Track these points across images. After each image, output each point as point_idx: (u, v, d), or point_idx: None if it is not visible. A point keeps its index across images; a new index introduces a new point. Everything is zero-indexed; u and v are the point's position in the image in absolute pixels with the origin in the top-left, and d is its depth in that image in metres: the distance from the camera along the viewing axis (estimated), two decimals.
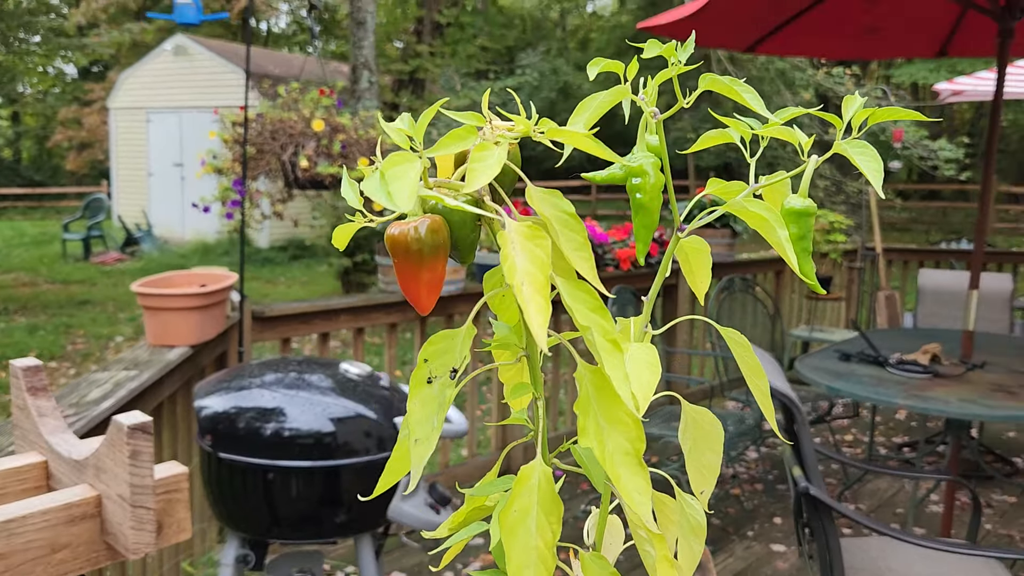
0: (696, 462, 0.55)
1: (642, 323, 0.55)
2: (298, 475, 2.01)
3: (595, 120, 0.49)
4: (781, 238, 0.48)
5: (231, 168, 3.19)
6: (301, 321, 3.38)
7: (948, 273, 5.42)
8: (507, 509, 0.45)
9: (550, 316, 0.41)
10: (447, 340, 0.48)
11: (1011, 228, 16.75)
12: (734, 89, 0.50)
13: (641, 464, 0.44)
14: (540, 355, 0.50)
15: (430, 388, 0.47)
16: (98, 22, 18.95)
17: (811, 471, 2.49)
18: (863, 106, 0.50)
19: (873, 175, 0.47)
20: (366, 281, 8.96)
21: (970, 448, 4.50)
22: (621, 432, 0.45)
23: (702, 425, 0.55)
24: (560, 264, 0.47)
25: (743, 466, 4.61)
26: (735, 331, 0.55)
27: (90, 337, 8.22)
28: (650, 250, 4.94)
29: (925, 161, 10.72)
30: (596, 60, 0.50)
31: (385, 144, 2.54)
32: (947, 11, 4.13)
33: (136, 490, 1.12)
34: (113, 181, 16.31)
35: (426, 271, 0.46)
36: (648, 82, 0.52)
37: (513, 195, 0.50)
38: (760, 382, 0.54)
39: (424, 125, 0.45)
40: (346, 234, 0.48)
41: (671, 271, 5.21)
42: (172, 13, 3.00)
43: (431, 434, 0.46)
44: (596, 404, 0.45)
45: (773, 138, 0.53)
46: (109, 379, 2.16)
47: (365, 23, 9.25)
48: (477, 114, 0.47)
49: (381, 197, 0.42)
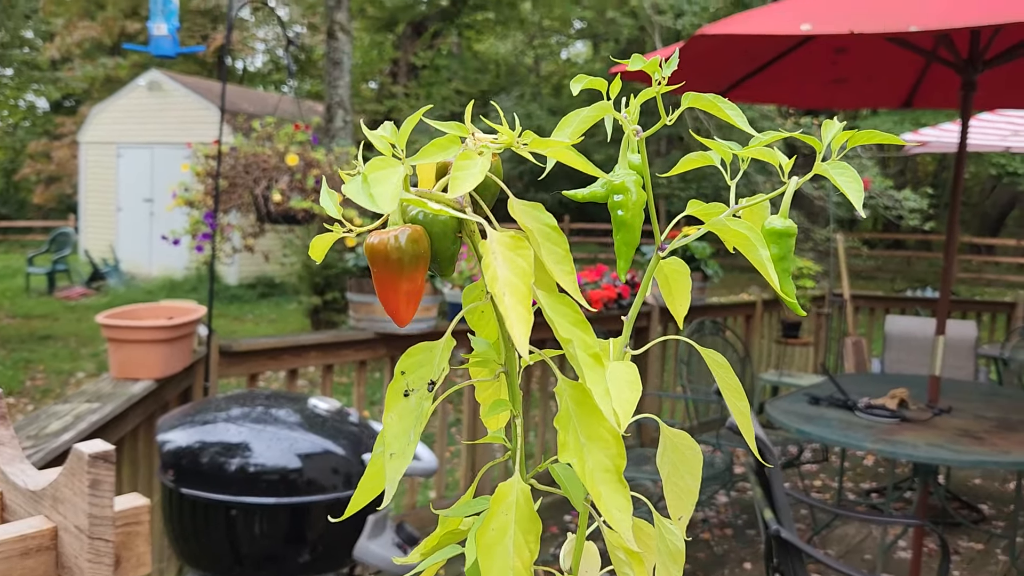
0: (674, 487, 0.54)
1: (622, 343, 0.54)
2: (262, 512, 1.97)
3: (579, 134, 0.49)
4: (763, 257, 0.48)
5: (203, 201, 3.17)
6: (269, 357, 3.33)
7: (914, 320, 5.50)
8: (484, 527, 0.44)
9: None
10: (425, 352, 0.47)
11: (974, 278, 17.08)
12: (717, 105, 0.50)
13: (622, 481, 0.43)
14: (519, 372, 0.49)
15: (407, 401, 0.45)
16: (72, 57, 18.90)
17: (782, 514, 2.48)
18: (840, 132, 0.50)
19: (854, 194, 0.48)
20: (336, 320, 8.90)
21: (937, 494, 4.53)
22: (602, 448, 0.44)
23: (681, 449, 0.54)
24: (542, 277, 0.47)
25: (713, 510, 4.59)
26: (715, 352, 0.54)
27: (50, 373, 8.05)
28: (622, 292, 4.97)
29: (890, 211, 10.94)
30: (580, 76, 0.50)
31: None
32: (912, 63, 4.24)
33: (95, 521, 1.09)
34: (81, 215, 16.13)
35: (405, 281, 0.45)
36: (631, 101, 0.52)
37: (503, 221, 0.49)
38: (741, 404, 0.53)
39: (407, 133, 0.45)
40: (324, 244, 0.47)
41: (643, 314, 5.23)
42: (148, 45, 2.99)
43: (407, 448, 0.44)
44: (577, 419, 0.44)
45: (750, 170, 0.53)
46: (70, 411, 2.11)
47: (341, 63, 9.31)
48: (461, 124, 0.46)
49: (363, 199, 0.41)
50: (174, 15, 2.97)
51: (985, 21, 2.76)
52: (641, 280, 5.05)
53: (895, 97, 4.65)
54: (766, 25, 3.00)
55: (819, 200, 10.92)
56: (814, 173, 0.50)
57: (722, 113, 0.51)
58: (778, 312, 6.43)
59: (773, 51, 4.01)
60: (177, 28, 3.01)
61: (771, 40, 3.80)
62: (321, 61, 16.07)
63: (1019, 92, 4.45)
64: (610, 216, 0.53)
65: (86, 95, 21.01)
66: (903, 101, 4.65)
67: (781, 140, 0.54)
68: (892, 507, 4.70)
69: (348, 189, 0.42)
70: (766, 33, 3.04)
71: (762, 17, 3.16)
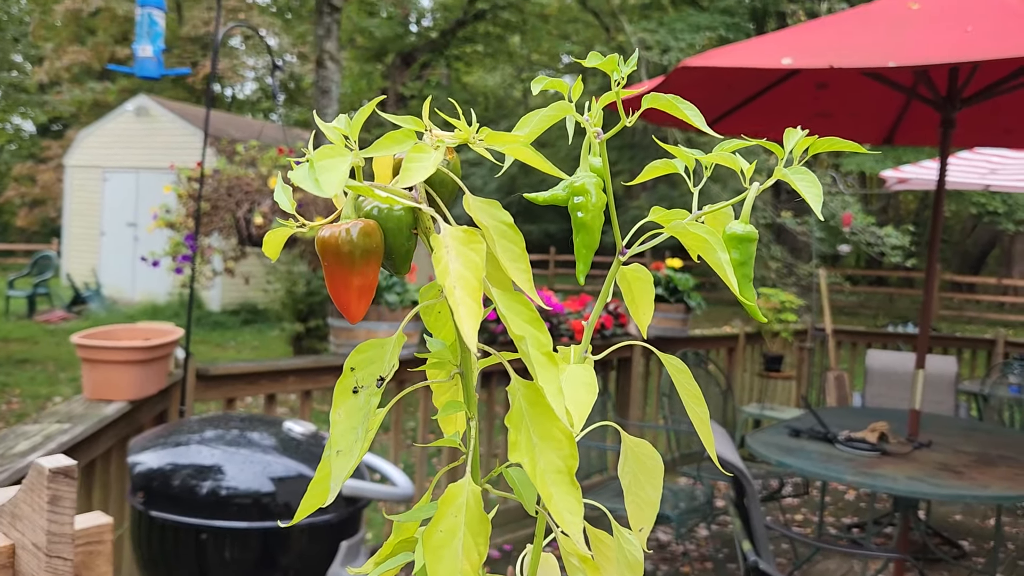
0: (635, 497, 0.53)
1: (581, 349, 0.53)
2: (233, 537, 1.93)
3: (537, 134, 0.49)
4: (721, 260, 0.48)
5: (184, 223, 3.16)
6: (247, 381, 3.30)
7: (895, 354, 5.52)
8: (432, 529, 0.43)
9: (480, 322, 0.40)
10: (376, 348, 0.46)
11: (955, 315, 17.20)
12: (676, 106, 0.50)
13: (574, 483, 0.42)
14: (475, 373, 0.48)
15: (356, 398, 0.44)
16: (61, 81, 18.92)
17: (760, 545, 2.47)
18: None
19: (813, 199, 0.47)
20: (319, 347, 8.85)
21: (918, 530, 4.51)
22: (554, 449, 0.43)
23: (641, 458, 0.53)
24: (497, 275, 0.46)
25: (693, 543, 4.55)
26: (675, 358, 0.54)
27: (27, 397, 7.94)
28: (604, 321, 4.96)
29: (872, 247, 11.03)
30: (540, 78, 0.50)
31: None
32: (893, 100, 4.30)
33: (53, 539, 1.06)
34: (64, 239, 16.03)
35: (357, 276, 0.44)
36: (592, 104, 0.52)
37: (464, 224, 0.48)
38: (700, 409, 0.52)
39: (359, 124, 0.44)
40: (277, 240, 0.46)
41: (625, 345, 5.23)
42: (134, 67, 2.99)
43: (354, 446, 0.43)
44: (529, 419, 0.44)
45: (712, 183, 0.53)
46: (39, 432, 2.07)
47: (330, 92, 9.35)
48: (417, 119, 0.46)
49: (309, 184, 0.40)
50: (160, 37, 2.97)
51: (962, 58, 2.80)
52: (624, 311, 5.02)
53: (876, 133, 4.71)
54: (748, 59, 3.04)
55: (802, 236, 11.01)
56: (776, 179, 0.50)
57: (681, 113, 0.51)
58: (760, 345, 6.44)
59: (756, 85, 4.06)
60: (163, 50, 3.01)
61: (754, 74, 3.85)
62: (310, 90, 16.15)
63: (997, 130, 4.52)
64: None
65: (74, 119, 21.01)
66: (884, 137, 4.71)
67: (765, 174, 0.53)
68: (873, 541, 4.68)
69: (295, 175, 0.41)
70: (748, 66, 3.08)
71: (744, 51, 3.20)
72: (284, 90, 21.17)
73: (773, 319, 6.29)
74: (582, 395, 0.44)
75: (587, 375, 0.46)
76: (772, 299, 6.33)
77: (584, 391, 0.45)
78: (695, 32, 13.18)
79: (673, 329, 5.28)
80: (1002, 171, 6.66)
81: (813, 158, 4.26)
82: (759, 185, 0.50)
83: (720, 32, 13.91)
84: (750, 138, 0.53)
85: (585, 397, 0.44)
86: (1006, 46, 2.79)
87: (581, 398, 0.44)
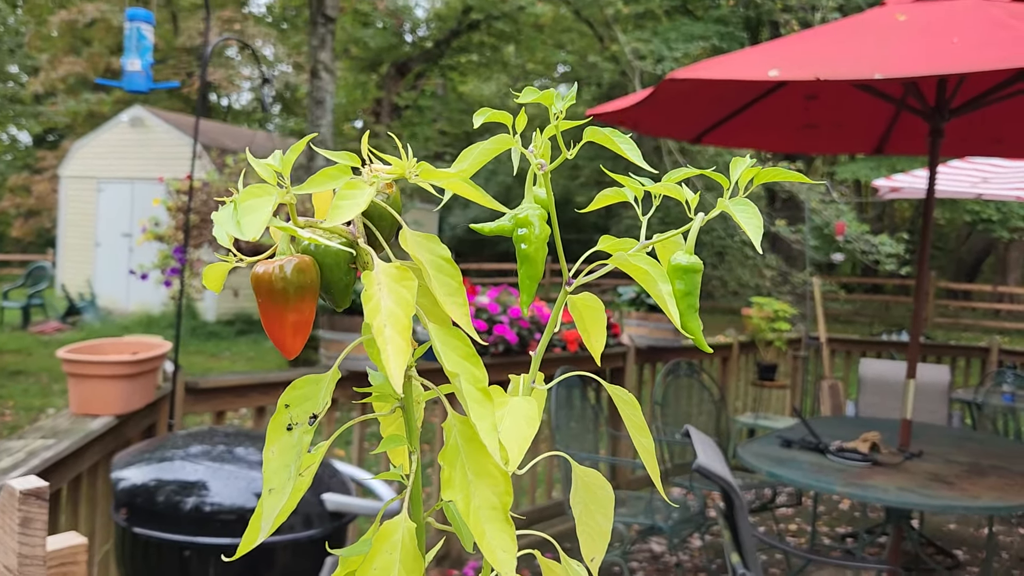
0: (587, 526, 0.53)
1: (530, 379, 0.53)
2: (217, 553, 1.92)
3: (477, 168, 0.49)
4: (663, 292, 0.48)
5: (173, 236, 3.15)
6: (236, 394, 3.29)
7: (888, 363, 5.52)
8: (366, 567, 0.42)
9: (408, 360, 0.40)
10: (310, 385, 0.46)
11: (951, 323, 17.22)
12: (613, 140, 0.50)
13: (508, 520, 0.42)
14: (420, 407, 0.48)
15: (289, 435, 0.44)
16: (56, 91, 18.92)
17: (749, 557, 2.46)
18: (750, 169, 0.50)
19: (753, 231, 0.47)
20: (314, 358, 8.82)
21: (911, 539, 4.50)
22: (489, 486, 0.43)
23: (592, 488, 0.53)
24: (434, 311, 0.46)
25: (687, 554, 4.54)
26: (622, 388, 0.54)
27: (20, 409, 7.91)
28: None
29: (867, 255, 11.05)
30: (483, 110, 0.50)
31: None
32: (882, 111, 4.32)
33: (24, 561, 1.06)
34: (59, 250, 16.02)
35: (292, 312, 0.44)
36: (537, 136, 0.52)
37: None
38: (645, 440, 0.52)
39: (290, 161, 0.44)
40: (218, 274, 0.46)
41: (619, 354, 5.23)
42: (122, 80, 3.00)
43: (287, 484, 0.43)
44: (465, 455, 0.43)
45: (675, 208, 0.53)
46: (23, 447, 2.06)
47: (324, 102, 9.37)
48: (353, 155, 0.46)
49: (231, 227, 0.40)
50: (148, 51, 2.97)
51: (949, 70, 2.81)
52: (617, 320, 5.03)
53: (866, 143, 4.72)
54: (736, 70, 3.05)
55: (797, 244, 11.02)
56: (719, 210, 0.50)
57: (616, 147, 0.51)
58: (754, 354, 6.44)
59: (745, 96, 4.07)
60: (151, 64, 3.01)
61: (742, 85, 3.86)
62: (305, 99, 16.17)
63: (987, 140, 4.53)
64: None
65: (69, 130, 21.02)
66: (874, 147, 4.72)
67: (773, 173, 0.53)
68: (866, 552, 4.68)
69: (218, 217, 0.41)
70: (735, 78, 3.08)
71: (732, 62, 3.21)
72: (279, 100, 21.20)
73: (767, 328, 6.29)
74: (523, 429, 0.44)
75: (529, 408, 0.45)
76: (766, 308, 6.34)
77: (525, 424, 0.44)
78: (689, 41, 13.21)
79: (665, 339, 5.28)
80: (994, 180, 6.68)
81: (807, 165, 4.33)
82: (703, 216, 0.50)
83: (714, 41, 13.95)
84: (736, 149, 0.53)
85: (526, 431, 0.44)
86: (992, 57, 2.80)
87: (522, 432, 0.44)
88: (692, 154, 10.60)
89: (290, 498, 0.43)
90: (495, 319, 4.13)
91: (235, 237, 0.42)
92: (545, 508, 4.76)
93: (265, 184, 0.43)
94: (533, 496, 4.78)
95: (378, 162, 0.48)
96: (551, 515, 4.81)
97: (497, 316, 4.14)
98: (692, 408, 5.19)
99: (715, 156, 10.91)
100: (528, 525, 4.63)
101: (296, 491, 0.44)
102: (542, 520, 4.74)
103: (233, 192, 0.42)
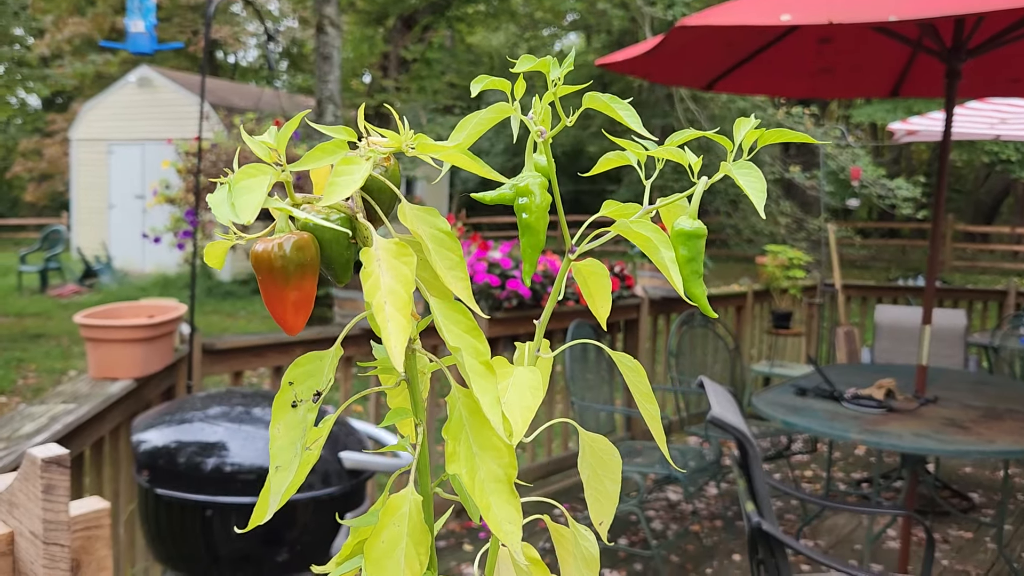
0: (595, 491, 0.54)
1: (535, 347, 0.53)
2: (238, 512, 1.96)
3: (474, 139, 0.48)
4: (665, 259, 0.47)
5: (184, 198, 3.16)
6: (253, 354, 3.32)
7: (903, 309, 5.50)
8: (374, 539, 0.43)
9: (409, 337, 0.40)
10: (314, 362, 0.46)
11: (968, 266, 17.09)
12: (611, 107, 0.49)
13: (513, 492, 0.42)
14: (425, 378, 0.48)
15: (295, 412, 0.45)
16: (62, 53, 18.82)
17: (764, 506, 2.48)
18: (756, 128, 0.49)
19: (756, 195, 0.47)
20: (329, 316, 8.88)
21: (927, 484, 4.53)
22: (493, 458, 0.43)
23: (599, 453, 0.53)
24: (435, 284, 0.46)
25: (703, 502, 4.59)
26: (627, 356, 0.53)
27: (42, 372, 8.03)
28: (626, 282, 4.97)
29: (883, 200, 10.93)
30: (480, 77, 0.49)
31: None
32: (898, 53, 4.23)
33: (49, 526, 1.08)
34: (73, 213, 16.09)
35: (292, 290, 0.44)
36: (536, 103, 0.51)
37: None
38: (651, 407, 0.52)
39: (286, 137, 0.44)
40: (219, 251, 0.46)
41: (633, 306, 5.23)
42: (126, 42, 2.97)
43: (293, 460, 0.43)
44: (470, 429, 0.44)
45: (679, 171, 0.52)
46: (45, 413, 2.10)
47: (331, 57, 9.27)
48: (350, 129, 0.45)
49: (226, 210, 0.40)
50: (151, 12, 2.94)
51: (966, 10, 2.74)
52: (631, 272, 4.99)
53: (882, 86, 4.64)
54: (746, 16, 2.99)
55: (812, 190, 10.90)
56: (722, 174, 0.50)
57: (614, 113, 0.50)
58: (769, 303, 6.43)
59: (757, 42, 4.00)
60: (155, 24, 2.98)
61: (754, 31, 3.78)
62: (312, 55, 16.01)
63: (1004, 80, 4.44)
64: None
65: (77, 92, 20.95)
66: (890, 90, 4.64)
67: (778, 134, 0.52)
68: (883, 497, 4.71)
69: (213, 199, 0.41)
70: (746, 24, 3.02)
71: (743, 8, 3.14)
72: (286, 56, 21.00)
73: (782, 276, 6.26)
74: (527, 399, 0.44)
75: (533, 378, 0.46)
76: (780, 256, 6.30)
77: (530, 395, 0.44)
78: None
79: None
80: (1012, 120, 6.57)
81: (822, 109, 4.26)
82: (707, 180, 0.50)
83: None
84: (749, 96, 0.52)
85: (530, 402, 0.44)
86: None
87: (527, 402, 0.44)
88: (704, 101, 10.45)
89: (298, 473, 0.44)
90: (508, 274, 4.13)
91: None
92: (563, 459, 4.81)
93: (260, 164, 0.42)
94: (549, 448, 4.82)
95: (375, 134, 0.47)
96: (568, 466, 4.87)
97: (510, 271, 4.14)
98: (707, 357, 5.20)
99: (728, 103, 10.75)
100: (545, 477, 4.68)
101: (304, 465, 0.45)
102: (560, 471, 4.79)
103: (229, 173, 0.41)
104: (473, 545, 3.87)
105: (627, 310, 5.16)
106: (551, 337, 4.29)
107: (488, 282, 4.03)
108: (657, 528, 4.18)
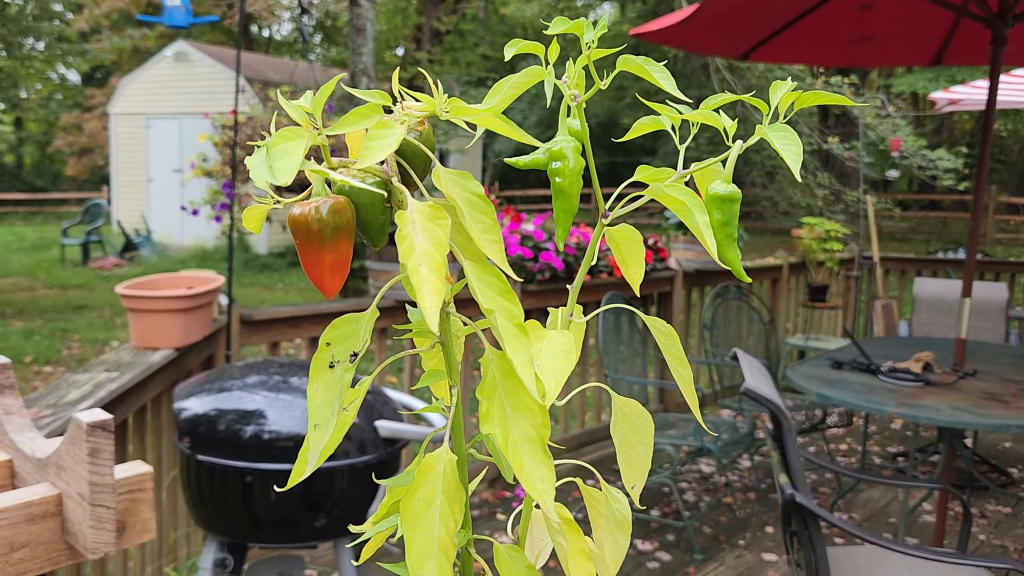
0: (627, 455, 0.54)
1: (568, 311, 0.54)
2: (277, 478, 2.00)
3: (508, 102, 0.48)
4: (699, 223, 0.47)
5: (221, 171, 3.19)
6: (289, 325, 3.36)
7: (943, 282, 5.40)
8: (410, 497, 0.44)
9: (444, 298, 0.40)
10: (350, 324, 0.47)
11: (1011, 239, 16.73)
12: (646, 69, 0.49)
13: (546, 452, 0.43)
14: (460, 341, 0.49)
15: (332, 373, 0.45)
16: (100, 28, 19.01)
17: (797, 478, 2.48)
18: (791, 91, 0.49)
19: (792, 158, 0.46)
20: (363, 288, 8.94)
21: (964, 458, 4.48)
22: (526, 418, 0.44)
23: (631, 419, 0.54)
24: (469, 247, 0.46)
25: (736, 474, 4.59)
26: (660, 320, 0.54)
27: (85, 342, 8.21)
28: (660, 254, 4.94)
29: (924, 171, 10.71)
30: (514, 41, 0.49)
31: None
32: (941, 19, 4.13)
33: (96, 488, 1.11)
34: (113, 187, 16.33)
35: (328, 253, 0.45)
36: (570, 66, 0.51)
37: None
38: (683, 371, 0.52)
39: (322, 101, 0.44)
40: (257, 216, 0.47)
41: (666, 279, 5.20)
42: (162, 16, 3.00)
43: (330, 419, 0.44)
44: (503, 390, 0.44)
45: (712, 137, 0.52)
46: (89, 380, 2.15)
47: (365, 30, 9.25)
48: (385, 93, 0.46)
49: (264, 172, 0.41)
50: None
51: None
52: (665, 244, 4.96)
53: (925, 54, 4.53)
54: None
55: (851, 161, 10.72)
56: (757, 137, 0.49)
57: (650, 76, 0.49)
58: (805, 276, 6.36)
59: (795, 9, 3.92)
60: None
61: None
62: (345, 28, 16.00)
63: None
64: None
65: (115, 66, 21.19)
66: (932, 58, 4.53)
67: (814, 95, 0.52)
68: (919, 470, 4.67)
69: (251, 162, 0.42)
70: None
71: None
72: (320, 29, 21.00)
73: (818, 248, 6.18)
74: (560, 363, 0.45)
75: (566, 342, 0.46)
76: (817, 228, 6.22)
77: (563, 358, 0.45)
78: None
79: (713, 262, 5.23)
80: None
81: (862, 79, 4.18)
82: (742, 143, 0.49)
83: None
84: (787, 66, 0.52)
85: (563, 365, 0.45)
86: None
87: (559, 366, 0.44)
88: (741, 71, 10.28)
89: (335, 432, 0.45)
90: (541, 246, 4.13)
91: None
92: (596, 430, 4.83)
93: (296, 127, 0.43)
94: (583, 420, 4.84)
95: (410, 99, 0.47)
96: (601, 437, 4.88)
97: (543, 243, 4.14)
98: (742, 330, 5.17)
99: (765, 72, 10.57)
100: (578, 448, 4.71)
101: (340, 425, 0.46)
102: (593, 442, 4.81)
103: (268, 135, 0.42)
104: (506, 515, 3.91)
105: (661, 283, 5.14)
106: (585, 309, 4.28)
107: (521, 254, 4.03)
108: (690, 500, 4.18)
